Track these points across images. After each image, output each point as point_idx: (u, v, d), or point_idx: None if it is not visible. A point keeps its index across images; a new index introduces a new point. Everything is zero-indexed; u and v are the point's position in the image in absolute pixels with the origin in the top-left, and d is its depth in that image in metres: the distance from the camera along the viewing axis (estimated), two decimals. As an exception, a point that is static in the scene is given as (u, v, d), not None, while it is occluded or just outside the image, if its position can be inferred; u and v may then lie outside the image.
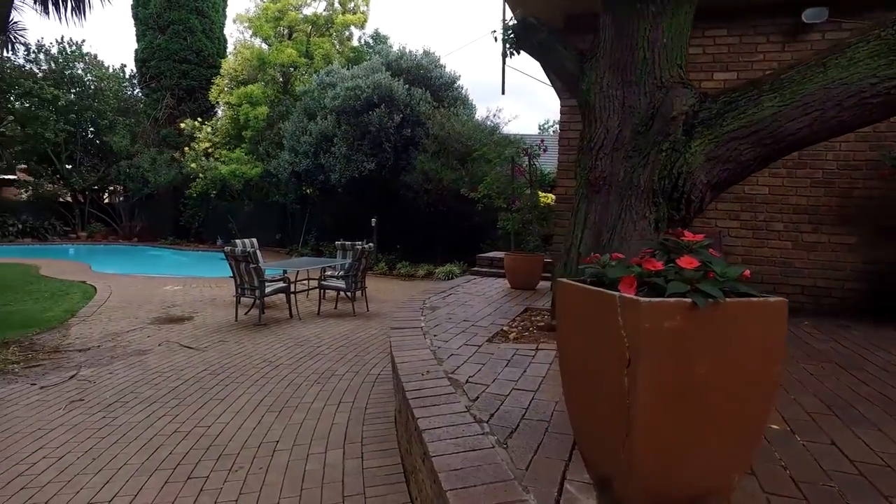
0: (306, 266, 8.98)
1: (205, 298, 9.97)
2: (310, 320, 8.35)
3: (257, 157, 18.38)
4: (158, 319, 8.16)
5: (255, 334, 7.36)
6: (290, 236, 19.18)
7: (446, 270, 13.49)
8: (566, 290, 1.97)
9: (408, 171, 14.18)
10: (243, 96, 18.31)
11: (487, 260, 8.45)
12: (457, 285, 7.00)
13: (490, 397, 2.83)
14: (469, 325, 4.60)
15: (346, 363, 6.01)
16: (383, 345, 6.83)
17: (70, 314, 8.39)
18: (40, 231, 20.65)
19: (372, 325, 8.08)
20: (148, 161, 19.92)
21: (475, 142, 13.62)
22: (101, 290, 10.33)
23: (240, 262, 7.83)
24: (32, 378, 5.50)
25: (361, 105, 13.90)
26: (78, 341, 6.90)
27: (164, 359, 6.14)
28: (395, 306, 9.63)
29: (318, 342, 6.98)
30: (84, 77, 21.25)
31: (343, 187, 14.70)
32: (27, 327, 7.57)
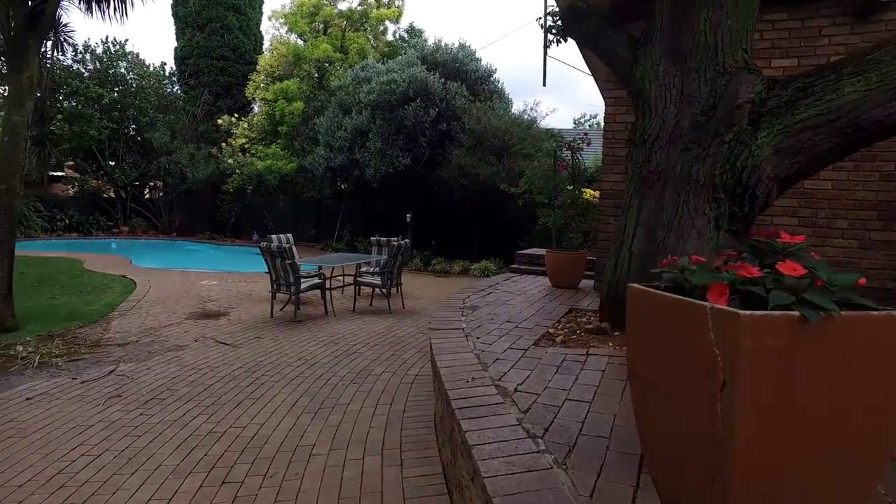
0: (341, 262, 8.90)
1: (240, 294, 10.00)
2: (345, 317, 8.26)
3: (292, 153, 18.47)
4: (195, 314, 8.18)
5: (291, 331, 7.30)
6: (325, 232, 19.23)
7: (482, 267, 13.28)
8: (639, 297, 1.75)
9: (443, 166, 14.00)
10: (279, 92, 18.41)
11: (527, 257, 8.21)
12: (496, 283, 6.79)
13: (542, 409, 2.62)
14: (512, 326, 4.39)
15: (383, 362, 5.87)
16: (420, 343, 6.68)
17: (111, 308, 8.49)
18: (85, 226, 21.22)
19: (408, 322, 7.93)
20: (186, 157, 20.24)
21: (512, 136, 13.36)
22: (141, 284, 10.46)
23: (275, 257, 7.78)
24: (74, 372, 5.52)
25: (397, 99, 13.77)
26: (118, 335, 6.95)
27: (200, 355, 6.11)
28: (431, 303, 9.48)
29: (353, 340, 6.86)
30: (126, 76, 21.70)
31: (378, 182, 14.62)
32: (71, 320, 7.68)
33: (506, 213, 14.17)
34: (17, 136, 7.21)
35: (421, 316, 8.39)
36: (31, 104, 7.58)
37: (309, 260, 9.39)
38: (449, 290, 11.02)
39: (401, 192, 15.22)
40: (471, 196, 13.66)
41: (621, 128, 6.52)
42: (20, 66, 7.38)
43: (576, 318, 4.82)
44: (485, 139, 13.59)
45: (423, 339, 6.90)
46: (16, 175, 7.23)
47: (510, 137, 13.37)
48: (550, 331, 4.22)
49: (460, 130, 14.08)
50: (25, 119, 7.31)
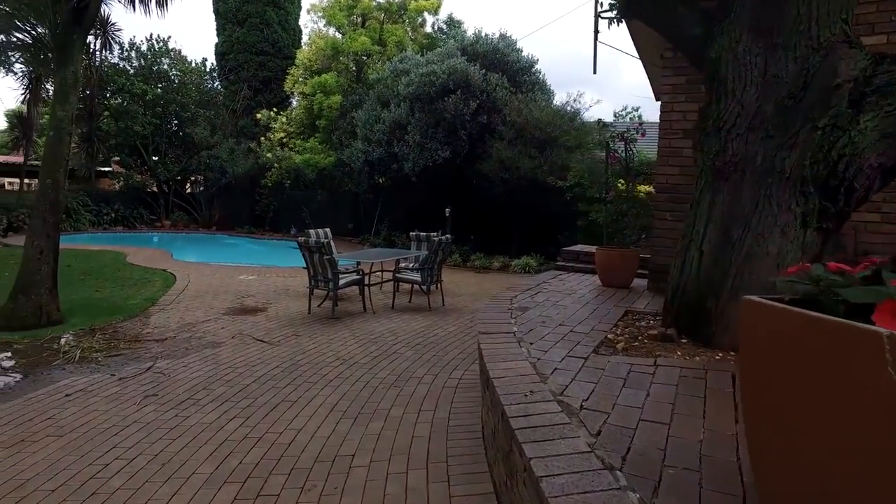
0: (380, 258, 8.68)
1: (278, 289, 9.90)
2: (384, 314, 8.04)
3: (330, 147, 18.41)
4: (232, 310, 8.09)
5: (329, 328, 7.11)
6: (362, 226, 19.13)
7: (522, 263, 12.92)
8: (760, 312, 1.42)
9: (483, 160, 13.66)
10: (317, 86, 18.35)
11: (573, 254, 7.84)
12: (543, 282, 6.45)
13: (615, 431, 2.30)
14: (567, 330, 4.06)
15: (425, 364, 5.61)
16: (463, 344, 6.40)
17: (151, 302, 8.48)
18: (130, 219, 21.68)
19: (449, 321, 7.66)
20: (226, 151, 20.42)
21: (555, 128, 12.92)
22: (181, 278, 10.47)
23: (313, 252, 7.61)
24: (112, 368, 5.44)
25: (436, 91, 13.48)
26: (156, 331, 6.88)
27: (237, 352, 5.97)
28: (471, 300, 9.20)
29: (393, 339, 6.63)
30: (169, 72, 22.04)
31: (416, 176, 14.37)
32: (112, 314, 7.68)
33: (547, 208, 13.76)
34: (62, 131, 7.21)
35: (462, 314, 8.11)
36: (75, 99, 7.59)
37: (347, 255, 9.21)
38: (489, 286, 10.71)
39: (439, 186, 14.95)
40: (511, 190, 13.29)
41: (679, 117, 6.08)
42: (65, 62, 7.38)
43: (634, 321, 4.45)
44: (526, 132, 13.19)
45: (466, 339, 6.63)
46: (60, 169, 7.24)
47: (553, 130, 12.94)
48: (609, 336, 3.87)
49: (501, 123, 13.71)
50: (69, 114, 7.31)
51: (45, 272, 7.11)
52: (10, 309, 6.97)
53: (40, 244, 7.09)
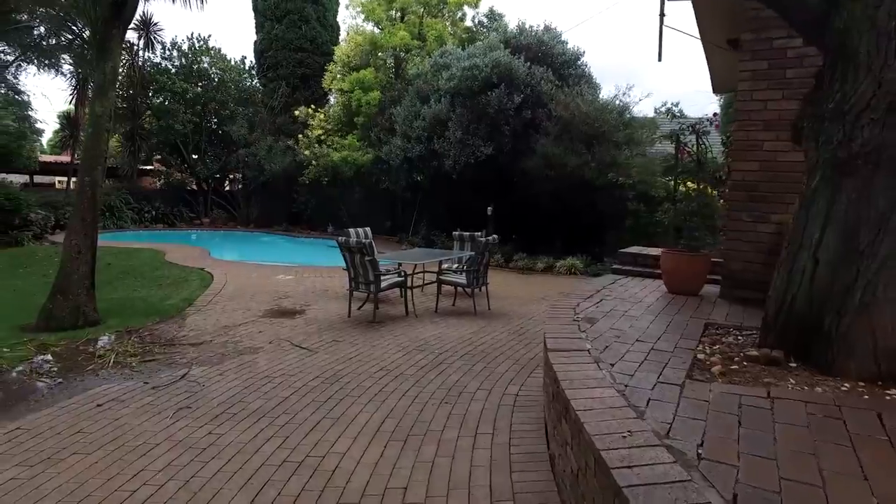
0: (424, 259, 8.26)
1: (316, 289, 9.58)
2: (427, 319, 7.62)
3: (368, 144, 18.10)
4: (270, 312, 7.78)
5: (370, 334, 6.72)
6: (400, 224, 18.79)
7: (568, 265, 12.34)
8: None
9: (527, 157, 13.12)
10: (355, 82, 18.07)
11: (630, 257, 7.26)
12: (603, 288, 5.91)
13: (755, 497, 1.79)
14: (647, 347, 3.55)
15: (476, 377, 5.15)
16: (514, 353, 5.92)
17: (188, 303, 8.25)
18: (170, 217, 21.85)
19: (497, 326, 7.19)
20: (264, 149, 20.35)
21: (603, 124, 12.29)
22: (218, 277, 10.27)
23: (354, 253, 7.23)
24: (146, 375, 5.16)
25: (479, 85, 12.99)
26: (192, 334, 6.61)
27: (274, 360, 5.62)
28: (518, 304, 8.71)
29: (439, 346, 6.19)
30: (209, 70, 22.13)
31: (457, 173, 13.92)
32: (148, 315, 7.46)
33: (592, 207, 13.13)
34: (100, 128, 7.01)
35: (510, 319, 7.62)
36: (114, 95, 7.39)
37: (388, 256, 8.82)
38: (536, 289, 10.19)
39: (480, 184, 14.46)
40: (556, 188, 12.71)
41: (759, 106, 5.47)
42: (104, 57, 7.17)
43: (719, 337, 3.90)
44: (572, 127, 12.60)
45: (517, 348, 6.14)
46: (98, 167, 7.04)
47: (601, 125, 12.31)
48: (699, 356, 3.34)
49: (546, 118, 13.14)
50: (108, 110, 7.11)
51: (83, 272, 6.92)
52: (49, 309, 6.80)
53: (78, 243, 6.90)
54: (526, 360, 5.71)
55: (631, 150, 12.68)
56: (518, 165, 13.46)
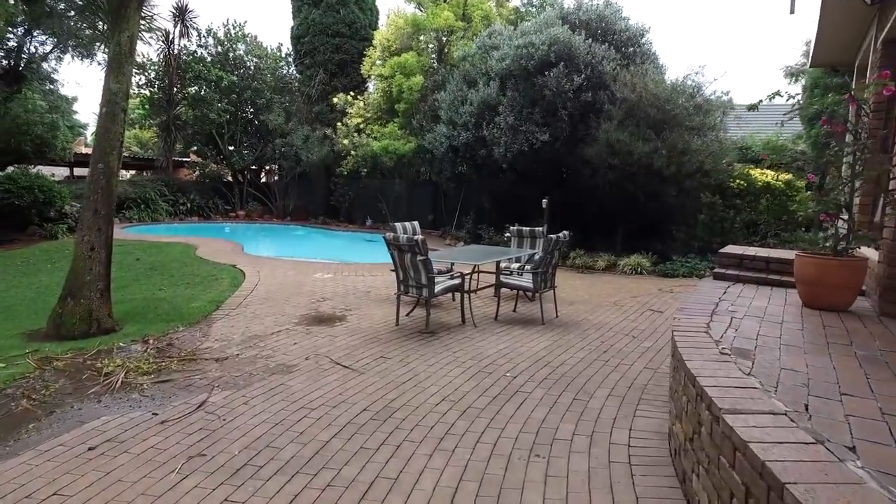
0: (482, 259, 7.13)
1: (358, 290, 8.59)
2: (487, 328, 6.52)
3: (410, 132, 17.06)
4: (307, 318, 6.80)
5: (424, 348, 5.66)
6: (443, 218, 17.74)
7: (633, 263, 11.06)
8: None
9: (587, 143, 11.85)
10: (396, 67, 17.03)
11: (733, 259, 5.98)
12: (720, 300, 4.67)
13: None
14: (855, 404, 2.36)
15: (567, 414, 4.02)
16: (605, 379, 4.76)
17: (215, 305, 7.35)
18: (205, 210, 21.30)
19: (572, 340, 6.03)
20: (301, 139, 19.54)
21: (675, 106, 10.93)
22: (250, 276, 9.38)
23: (404, 252, 6.17)
24: (157, 401, 4.21)
25: (535, 65, 11.76)
26: (217, 345, 5.67)
27: (311, 383, 4.61)
28: (588, 310, 7.53)
29: (509, 365, 5.09)
30: (245, 58, 21.43)
31: (507, 162, 12.74)
32: (170, 321, 6.58)
33: (659, 199, 11.80)
34: (116, 107, 6.12)
35: (585, 330, 6.45)
36: (131, 69, 6.48)
37: (437, 254, 7.72)
38: (603, 291, 8.98)
39: (532, 174, 13.26)
40: (620, 178, 11.41)
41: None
42: (120, 25, 6.27)
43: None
44: (639, 110, 11.28)
45: (607, 371, 4.98)
46: (114, 152, 6.15)
47: (673, 108, 10.95)
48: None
49: (608, 101, 11.83)
50: (125, 87, 6.20)
51: (97, 272, 6.06)
52: (59, 315, 5.98)
53: (91, 239, 6.04)
54: (621, 388, 4.56)
55: (701, 136, 11.28)
56: (576, 153, 12.21)
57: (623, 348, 5.75)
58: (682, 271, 10.62)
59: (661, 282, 10.12)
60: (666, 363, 5.22)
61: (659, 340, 6.09)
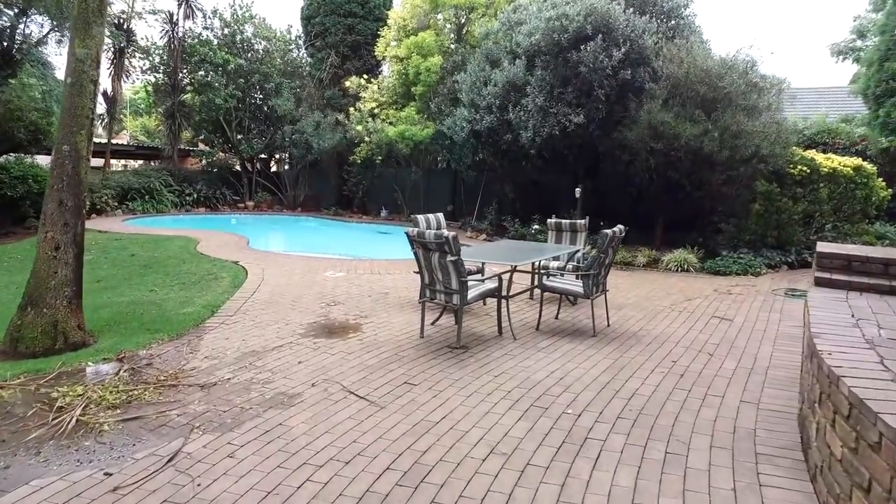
0: (525, 258, 6.02)
1: (374, 292, 7.55)
2: (529, 340, 5.45)
3: (428, 117, 15.95)
4: (315, 328, 5.77)
5: (456, 369, 4.61)
6: (463, 209, 16.65)
7: (678, 259, 9.91)
8: None
9: (625, 126, 10.69)
10: (412, 47, 15.90)
11: (841, 260, 4.85)
12: (854, 318, 3.55)
13: None
14: None
15: (663, 478, 2.94)
16: (699, 420, 3.66)
17: (211, 311, 6.35)
18: (212, 200, 20.38)
19: (636, 359, 4.94)
20: (312, 125, 18.49)
21: (728, 84, 9.71)
22: (254, 274, 8.37)
23: (431, 251, 5.11)
24: (116, 452, 3.22)
25: (568, 39, 10.57)
26: (205, 364, 4.66)
27: (318, 423, 3.58)
28: (643, 316, 6.44)
29: (567, 397, 4.02)
30: (252, 40, 20.39)
31: (536, 148, 11.61)
32: (156, 331, 5.58)
33: (704, 187, 10.64)
34: (83, 77, 5.08)
35: (647, 344, 5.35)
36: (102, 31, 5.42)
37: (471, 252, 6.62)
38: (652, 292, 7.87)
39: (562, 161, 12.12)
40: (663, 164, 10.26)
41: None
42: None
43: None
44: (685, 89, 10.10)
45: (693, 404, 3.89)
46: (82, 131, 5.12)
47: (726, 85, 9.72)
48: None
49: (649, 78, 10.64)
50: (94, 53, 5.16)
51: (64, 276, 5.07)
52: (17, 327, 5.00)
53: (56, 237, 5.04)
54: (724, 436, 3.46)
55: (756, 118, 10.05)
56: (612, 137, 11.05)
57: (703, 371, 4.65)
58: (734, 269, 9.45)
59: (713, 281, 8.97)
60: (768, 396, 4.12)
61: (742, 359, 4.98)
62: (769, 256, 9.87)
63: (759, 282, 8.87)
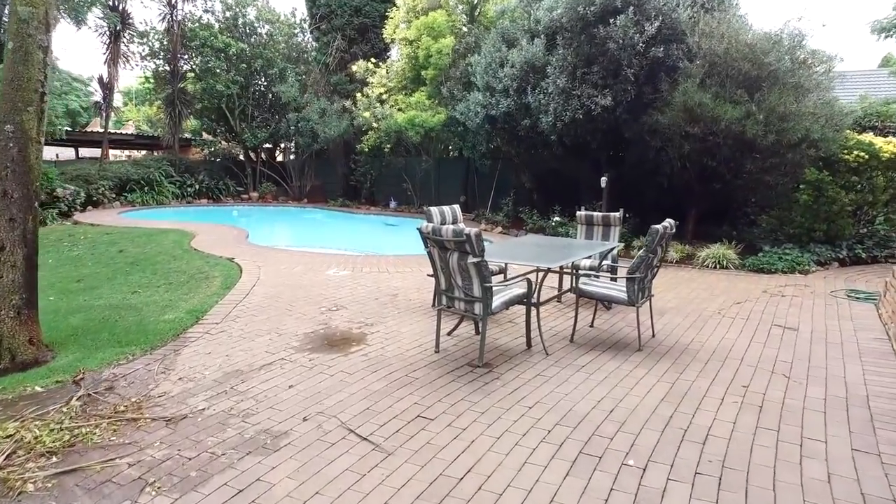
0: (561, 258, 5.10)
1: (381, 294, 6.71)
2: (564, 356, 4.59)
3: (439, 102, 15.04)
4: (312, 340, 4.94)
5: (481, 396, 3.76)
6: (476, 199, 15.76)
7: (715, 255, 8.98)
8: None
9: (655, 109, 9.74)
10: (423, 28, 14.95)
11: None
12: None
13: None
14: None
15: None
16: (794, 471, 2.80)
17: (195, 318, 5.53)
18: (215, 191, 19.61)
19: (695, 379, 4.07)
20: (317, 112, 17.62)
21: (777, 59, 8.72)
22: (249, 273, 7.56)
23: (448, 251, 4.25)
24: (38, 522, 2.40)
25: (596, 12, 9.60)
26: (177, 389, 3.85)
27: (308, 474, 2.76)
28: (691, 324, 5.54)
29: (623, 438, 3.17)
30: (255, 23, 19.50)
31: (557, 134, 10.68)
32: (127, 344, 4.79)
33: (742, 176, 9.69)
34: (28, 42, 4.24)
35: (705, 362, 4.47)
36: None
37: (497, 251, 5.73)
38: (692, 293, 6.97)
39: (584, 148, 11.18)
40: (699, 150, 9.31)
41: None
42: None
43: None
44: (725, 66, 9.10)
45: (789, 452, 3.02)
46: (30, 107, 4.29)
47: (772, 62, 8.73)
48: None
49: (683, 56, 9.66)
50: (41, 12, 4.31)
51: (10, 282, 4.26)
52: (-44, 341, 4.19)
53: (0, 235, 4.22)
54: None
55: (804, 98, 9.06)
56: (641, 121, 10.10)
57: (785, 401, 3.76)
58: (779, 266, 8.51)
59: (758, 280, 8.04)
60: (887, 442, 3.23)
61: (830, 385, 4.08)
62: (818, 252, 8.92)
63: (811, 281, 7.94)
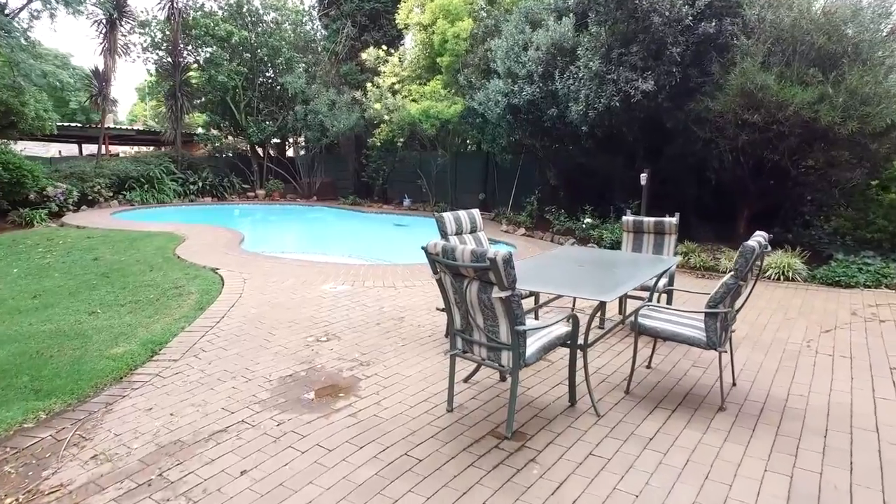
0: (618, 287, 3.81)
1: (384, 317, 5.53)
2: (621, 419, 3.37)
3: (456, 91, 13.81)
4: (288, 390, 3.77)
5: (511, 499, 2.56)
6: (496, 197, 14.52)
7: (779, 265, 7.66)
8: None
9: (705, 95, 8.42)
10: (438, 11, 13.72)
11: None
12: None
13: None
14: None
15: None
16: None
17: (150, 352, 4.43)
18: (219, 189, 18.62)
19: (816, 461, 2.83)
20: (326, 105, 16.50)
21: (862, 30, 7.36)
22: (230, 289, 6.43)
23: (464, 277, 3.04)
24: None
25: (636, -20, 8.31)
26: (83, 476, 2.75)
27: None
28: (774, 362, 4.25)
29: None
30: (260, 11, 18.43)
31: (589, 124, 9.41)
32: (48, 395, 3.74)
33: (807, 172, 8.35)
34: None
35: (821, 432, 3.23)
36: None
37: (521, 276, 4.50)
38: (761, 316, 5.64)
39: (619, 140, 9.90)
40: (758, 141, 7.98)
41: None
42: None
43: None
44: (793, 41, 7.75)
45: None
46: None
47: (857, 33, 7.36)
48: None
49: (739, 31, 8.31)
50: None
51: None
52: None
53: None
54: None
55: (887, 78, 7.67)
56: (686, 109, 8.78)
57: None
58: (860, 279, 7.17)
59: (838, 296, 6.71)
60: None
61: None
62: (907, 261, 7.56)
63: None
